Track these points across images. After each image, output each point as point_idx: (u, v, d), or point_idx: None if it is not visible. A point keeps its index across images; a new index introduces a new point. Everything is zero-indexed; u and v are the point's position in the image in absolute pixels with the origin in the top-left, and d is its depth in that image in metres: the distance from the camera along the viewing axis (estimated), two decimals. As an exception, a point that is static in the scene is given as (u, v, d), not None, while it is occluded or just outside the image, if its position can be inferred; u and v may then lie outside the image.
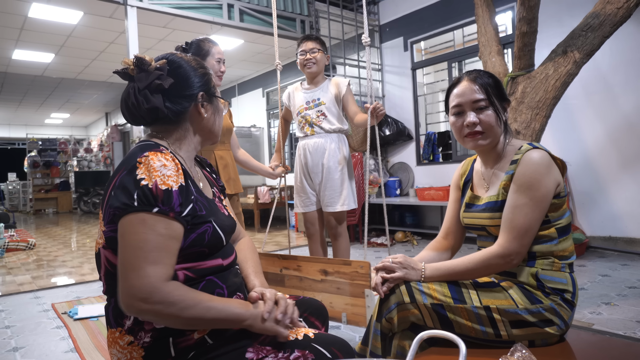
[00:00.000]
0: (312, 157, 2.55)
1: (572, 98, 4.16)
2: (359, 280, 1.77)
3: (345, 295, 1.81)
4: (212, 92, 1.14)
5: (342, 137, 2.58)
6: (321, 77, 2.62)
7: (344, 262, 1.82)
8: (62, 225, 9.08)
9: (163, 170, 0.95)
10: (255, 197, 6.46)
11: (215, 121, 1.16)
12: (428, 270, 1.23)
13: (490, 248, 1.21)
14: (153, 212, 0.92)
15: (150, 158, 0.95)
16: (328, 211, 2.54)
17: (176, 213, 0.94)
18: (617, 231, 4.04)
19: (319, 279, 1.88)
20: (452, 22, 5.25)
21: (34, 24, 5.68)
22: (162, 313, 0.89)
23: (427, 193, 4.90)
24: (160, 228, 0.92)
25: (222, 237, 1.07)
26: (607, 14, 2.58)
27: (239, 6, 4.99)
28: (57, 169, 12.97)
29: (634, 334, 2.16)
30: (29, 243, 5.75)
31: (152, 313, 0.89)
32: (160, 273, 0.90)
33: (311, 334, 1.03)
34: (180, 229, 0.96)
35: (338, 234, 2.57)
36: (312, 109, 2.56)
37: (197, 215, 1.01)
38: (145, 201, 0.92)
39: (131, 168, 0.95)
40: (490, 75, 1.32)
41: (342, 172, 2.53)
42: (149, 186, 0.92)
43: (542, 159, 1.19)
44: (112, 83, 9.33)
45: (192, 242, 0.99)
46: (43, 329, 2.63)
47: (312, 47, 2.53)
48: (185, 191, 0.98)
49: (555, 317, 1.16)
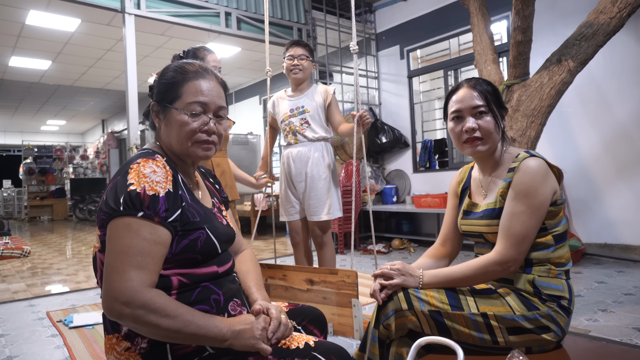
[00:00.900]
0: (295, 166, 2.51)
1: (567, 106, 4.20)
2: (345, 290, 1.75)
3: (331, 305, 1.78)
4: (164, 103, 1.06)
5: (326, 146, 2.53)
6: (306, 84, 2.58)
7: (330, 272, 1.79)
8: (57, 232, 9.03)
9: (152, 177, 0.96)
10: (252, 204, 6.45)
11: (169, 135, 1.06)
12: (426, 277, 1.24)
13: (488, 255, 1.22)
14: (138, 217, 0.92)
15: (142, 164, 0.97)
16: (312, 220, 2.50)
17: (161, 218, 0.95)
18: (612, 238, 4.06)
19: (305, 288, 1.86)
20: (447, 30, 5.29)
21: (31, 31, 5.69)
22: (142, 320, 0.88)
23: (424, 200, 4.92)
24: (145, 233, 0.92)
25: (215, 245, 1.06)
26: (600, 24, 2.61)
27: (237, 14, 5.02)
28: (53, 176, 12.91)
29: (630, 340, 2.16)
30: (24, 250, 5.70)
31: (132, 318, 0.88)
32: (143, 278, 0.90)
33: (312, 342, 1.04)
34: (166, 235, 0.95)
35: (323, 243, 2.52)
36: (296, 117, 2.51)
37: (189, 222, 1.01)
38: (131, 205, 0.92)
39: (123, 174, 0.97)
40: (489, 83, 1.33)
41: (326, 181, 2.48)
42: (137, 191, 0.93)
43: (539, 167, 1.21)
44: (108, 90, 9.33)
45: (184, 248, 0.99)
46: (38, 337, 2.61)
47: (301, 53, 2.49)
48: (172, 197, 0.98)
49: (552, 323, 1.17)
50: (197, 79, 1.07)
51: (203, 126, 1.06)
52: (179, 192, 1.02)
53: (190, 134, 1.05)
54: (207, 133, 1.06)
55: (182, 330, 0.90)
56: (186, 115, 1.04)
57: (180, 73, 1.07)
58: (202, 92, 1.06)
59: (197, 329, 0.91)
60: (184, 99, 1.05)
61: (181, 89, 1.06)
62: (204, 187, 1.22)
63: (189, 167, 1.14)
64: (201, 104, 1.05)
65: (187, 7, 4.68)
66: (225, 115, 1.12)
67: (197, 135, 1.05)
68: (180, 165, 1.11)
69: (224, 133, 1.12)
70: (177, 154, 1.09)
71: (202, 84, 1.07)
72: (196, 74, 1.08)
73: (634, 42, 3.89)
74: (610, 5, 2.60)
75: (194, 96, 1.05)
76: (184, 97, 1.05)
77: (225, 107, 1.12)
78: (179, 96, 1.05)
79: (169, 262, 0.98)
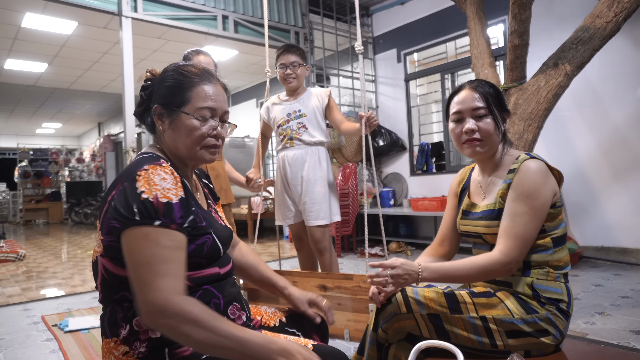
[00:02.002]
0: (291, 169, 2.46)
1: (563, 110, 4.21)
2: (361, 295, 1.72)
3: (347, 311, 1.75)
4: (172, 107, 1.05)
5: (322, 150, 2.49)
6: (301, 88, 2.53)
7: (345, 277, 1.76)
8: (52, 236, 8.98)
9: (163, 184, 0.95)
10: (248, 207, 6.44)
11: (176, 139, 1.06)
12: (426, 272, 1.22)
13: (492, 254, 1.21)
14: (155, 225, 0.91)
15: (150, 172, 0.95)
16: (309, 225, 2.44)
17: (178, 225, 0.94)
18: (609, 241, 4.07)
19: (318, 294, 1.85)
20: (444, 34, 5.31)
21: (27, 34, 5.67)
22: (176, 330, 0.87)
23: (421, 203, 4.92)
24: (164, 240, 0.91)
25: (220, 249, 1.07)
26: (596, 28, 2.63)
27: (234, 17, 5.03)
28: (49, 179, 12.85)
29: (628, 343, 2.16)
30: (19, 254, 5.66)
31: (168, 328, 0.88)
32: (171, 285, 0.89)
33: (310, 345, 1.03)
34: (183, 239, 0.96)
35: (324, 248, 2.44)
36: (293, 121, 2.47)
37: (197, 227, 1.01)
38: (146, 214, 0.91)
39: (131, 180, 0.94)
40: (492, 85, 1.33)
41: (322, 185, 2.43)
42: (149, 199, 0.92)
43: (539, 168, 1.21)
44: (105, 93, 9.30)
45: (191, 253, 0.99)
46: (33, 341, 2.59)
47: (293, 60, 2.43)
48: (185, 203, 0.98)
49: (551, 327, 1.16)
50: (205, 84, 1.06)
51: (212, 131, 1.06)
52: (189, 197, 1.02)
53: (200, 138, 1.05)
54: (215, 137, 1.07)
55: (217, 345, 0.88)
56: (197, 120, 1.04)
57: (186, 77, 1.06)
58: (211, 97, 1.06)
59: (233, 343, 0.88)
60: (194, 104, 1.04)
61: (189, 93, 1.05)
62: (201, 189, 1.21)
63: (189, 170, 1.13)
64: (210, 109, 1.05)
65: (184, 10, 4.69)
66: (228, 119, 1.13)
67: (206, 140, 1.06)
68: (182, 168, 1.11)
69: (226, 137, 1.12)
70: (181, 158, 1.09)
71: (209, 88, 1.06)
72: (202, 78, 1.07)
73: (629, 47, 3.92)
74: (607, 10, 2.62)
75: (203, 101, 1.05)
76: (193, 101, 1.04)
77: (228, 111, 1.13)
78: (188, 100, 1.04)
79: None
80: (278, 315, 1.28)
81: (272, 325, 1.24)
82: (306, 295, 1.29)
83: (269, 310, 1.29)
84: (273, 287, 1.32)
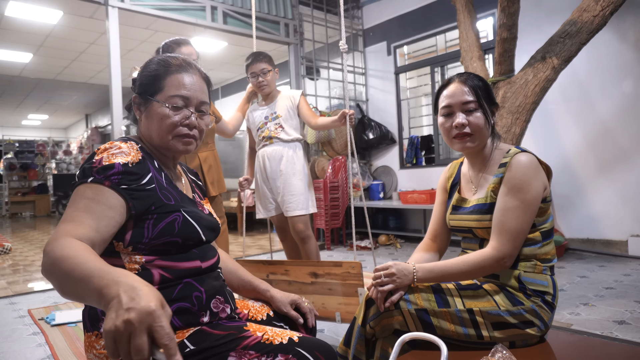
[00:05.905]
0: (270, 164, 2.61)
1: (551, 103, 4.25)
2: (351, 280, 1.83)
3: (337, 295, 1.86)
4: (146, 96, 1.05)
5: (298, 145, 2.65)
6: (275, 91, 2.69)
7: (335, 264, 1.87)
8: (39, 229, 8.87)
9: (113, 151, 0.97)
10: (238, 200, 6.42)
11: (149, 127, 1.05)
12: (420, 272, 1.22)
13: (484, 251, 1.22)
14: (87, 182, 0.93)
15: (109, 143, 0.99)
16: (289, 215, 2.58)
17: (112, 183, 0.93)
18: (594, 233, 4.13)
19: (309, 281, 1.92)
20: (434, 27, 5.31)
21: (10, 23, 5.55)
22: (46, 264, 0.78)
23: (410, 196, 4.94)
24: (88, 193, 0.92)
25: (196, 228, 1.05)
26: (583, 22, 2.65)
27: (222, 8, 4.97)
28: (35, 171, 12.65)
29: (611, 333, 2.21)
30: (5, 247, 5.59)
31: (45, 265, 0.79)
32: (68, 229, 0.84)
33: (296, 337, 1.03)
34: (115, 198, 0.92)
35: (307, 236, 2.58)
36: (270, 122, 2.63)
37: (163, 204, 1.00)
38: (82, 174, 0.94)
39: (92, 155, 0.98)
40: (481, 78, 1.33)
41: (300, 179, 2.58)
42: (93, 162, 0.95)
43: (531, 162, 1.21)
44: (92, 85, 9.16)
45: (161, 232, 0.98)
46: (19, 335, 2.56)
47: (263, 67, 2.55)
48: (134, 168, 0.97)
49: (536, 318, 1.18)
50: (180, 73, 1.07)
51: (184, 120, 1.05)
52: (147, 167, 1.01)
53: (171, 127, 1.04)
54: (188, 127, 1.06)
55: (70, 274, 0.73)
56: (167, 108, 1.03)
57: (163, 66, 1.07)
58: (185, 86, 1.05)
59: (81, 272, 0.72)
60: (166, 92, 1.04)
61: (163, 81, 1.05)
62: (187, 181, 1.21)
63: (170, 161, 1.13)
64: (183, 97, 1.05)
65: (172, 0, 4.62)
66: (207, 110, 1.11)
67: (177, 129, 1.05)
68: (162, 159, 1.10)
69: (205, 128, 1.11)
70: (157, 147, 1.08)
71: (184, 77, 1.06)
72: (179, 67, 1.07)
73: (616, 41, 3.95)
74: (594, 4, 2.63)
75: (176, 89, 1.05)
76: (165, 90, 1.05)
77: (207, 102, 1.11)
78: (161, 89, 1.05)
79: (148, 248, 0.97)
80: (265, 309, 1.28)
81: (260, 319, 1.23)
82: (288, 297, 1.29)
83: (256, 304, 1.29)
84: (255, 291, 1.32)
